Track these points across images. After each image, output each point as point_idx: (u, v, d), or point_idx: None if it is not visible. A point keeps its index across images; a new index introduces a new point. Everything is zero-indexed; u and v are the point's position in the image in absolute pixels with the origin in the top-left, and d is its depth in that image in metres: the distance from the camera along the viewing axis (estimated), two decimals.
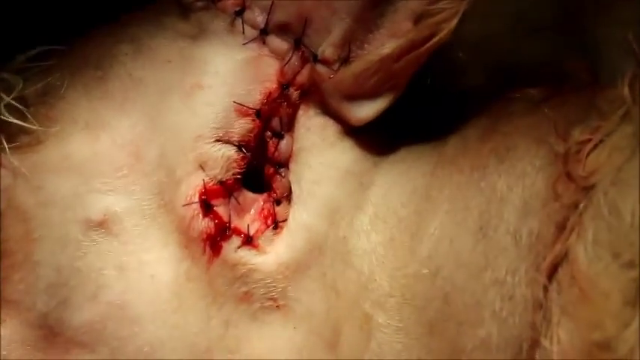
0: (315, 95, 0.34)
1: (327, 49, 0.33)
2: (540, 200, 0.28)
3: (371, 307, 0.31)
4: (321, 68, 0.33)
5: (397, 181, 0.33)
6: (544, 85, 0.32)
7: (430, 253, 0.30)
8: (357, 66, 0.32)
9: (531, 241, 0.27)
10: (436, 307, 0.29)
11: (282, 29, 0.33)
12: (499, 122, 0.32)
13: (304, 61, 0.33)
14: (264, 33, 0.33)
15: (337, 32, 0.32)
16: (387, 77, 0.32)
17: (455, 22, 0.29)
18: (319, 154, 0.34)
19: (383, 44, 0.31)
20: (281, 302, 0.33)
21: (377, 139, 0.35)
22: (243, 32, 0.33)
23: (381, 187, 0.34)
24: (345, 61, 0.33)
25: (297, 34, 0.33)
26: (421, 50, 0.31)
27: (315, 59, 0.33)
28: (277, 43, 0.33)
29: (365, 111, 0.33)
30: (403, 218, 0.32)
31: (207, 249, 0.32)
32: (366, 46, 0.32)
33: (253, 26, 0.33)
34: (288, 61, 0.33)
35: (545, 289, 0.26)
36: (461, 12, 0.29)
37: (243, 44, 0.33)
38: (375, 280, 0.31)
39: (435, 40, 0.30)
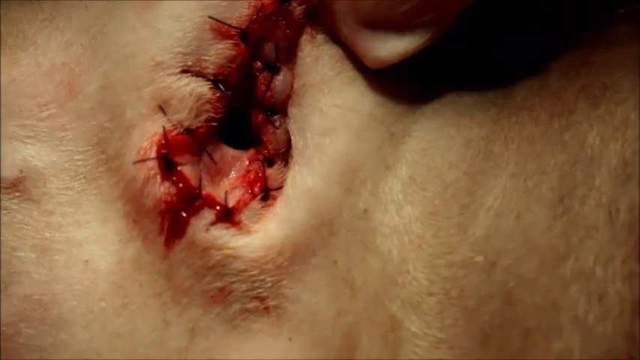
0: (327, 16, 0.30)
1: None
2: None
3: (400, 310, 0.29)
4: None
5: (443, 132, 0.30)
6: None
7: (487, 233, 0.27)
8: None
9: (632, 218, 0.25)
10: (494, 309, 0.27)
11: None
12: (594, 51, 0.29)
13: None
14: None
15: None
16: (428, 5, 0.28)
17: None
18: (333, 92, 0.30)
19: None
20: (271, 303, 0.30)
21: (413, 77, 0.31)
22: None
23: (421, 139, 0.30)
24: None
25: None
26: None
27: None
28: None
29: (388, 48, 0.29)
30: (451, 184, 0.29)
31: (167, 226, 0.29)
32: None
33: None
34: None
35: None
36: None
37: None
38: (408, 270, 0.29)
39: None
